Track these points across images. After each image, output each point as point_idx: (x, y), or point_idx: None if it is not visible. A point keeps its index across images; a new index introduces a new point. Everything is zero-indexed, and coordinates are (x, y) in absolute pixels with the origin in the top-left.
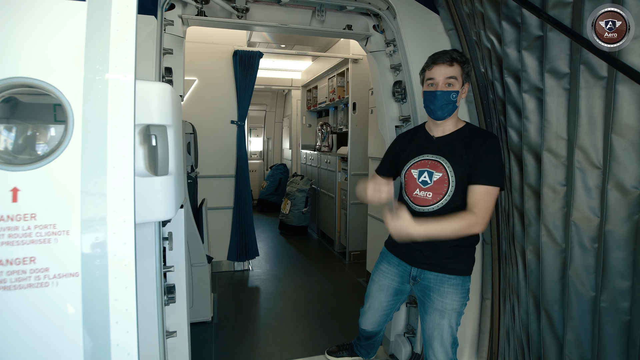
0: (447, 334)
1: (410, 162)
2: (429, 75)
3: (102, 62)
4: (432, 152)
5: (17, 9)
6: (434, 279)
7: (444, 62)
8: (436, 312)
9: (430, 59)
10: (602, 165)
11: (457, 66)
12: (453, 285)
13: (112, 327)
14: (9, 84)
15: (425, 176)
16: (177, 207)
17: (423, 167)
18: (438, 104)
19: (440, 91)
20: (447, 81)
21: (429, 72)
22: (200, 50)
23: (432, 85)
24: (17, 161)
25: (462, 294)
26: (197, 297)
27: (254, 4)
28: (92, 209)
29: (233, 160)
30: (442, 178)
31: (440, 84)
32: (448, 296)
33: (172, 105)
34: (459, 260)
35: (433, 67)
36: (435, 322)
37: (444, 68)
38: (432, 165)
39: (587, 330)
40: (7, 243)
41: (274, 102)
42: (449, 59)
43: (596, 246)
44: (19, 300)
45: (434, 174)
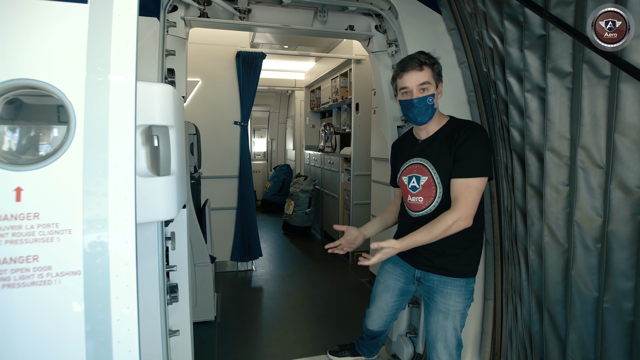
0: (450, 336)
1: (401, 169)
2: (401, 85)
3: (103, 63)
4: (417, 155)
5: (21, 11)
6: (437, 280)
7: (413, 68)
8: (440, 313)
9: (398, 67)
10: (605, 165)
11: (427, 69)
12: (456, 287)
13: (114, 324)
14: (13, 86)
15: (413, 181)
16: (179, 207)
17: (411, 173)
18: (416, 111)
19: (417, 98)
20: (420, 87)
21: (400, 80)
22: (203, 51)
23: (407, 94)
24: (20, 161)
25: (466, 296)
26: (200, 297)
27: (255, 5)
28: (94, 209)
29: (236, 160)
30: (428, 182)
31: (415, 90)
32: (451, 298)
33: (173, 106)
34: (462, 263)
35: (403, 75)
36: (439, 323)
37: (414, 74)
38: (418, 169)
39: (590, 331)
40: (11, 242)
41: (277, 103)
42: (417, 64)
43: (599, 246)
44: (23, 298)
45: (421, 178)
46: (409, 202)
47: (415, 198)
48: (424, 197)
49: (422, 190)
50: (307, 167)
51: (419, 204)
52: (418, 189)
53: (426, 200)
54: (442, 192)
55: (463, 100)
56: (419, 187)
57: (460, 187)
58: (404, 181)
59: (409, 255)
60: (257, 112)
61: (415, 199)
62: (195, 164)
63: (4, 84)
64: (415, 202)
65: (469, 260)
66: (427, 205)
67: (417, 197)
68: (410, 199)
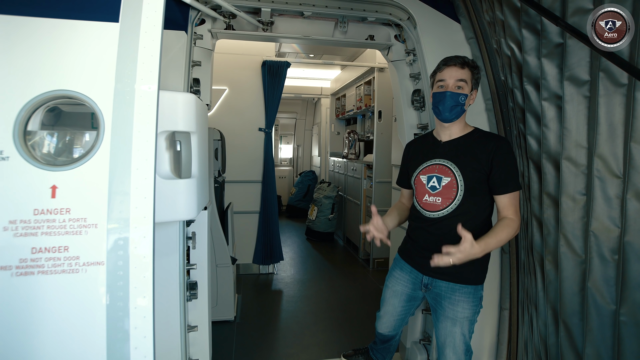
0: (459, 342)
1: (419, 168)
2: (439, 77)
3: (130, 75)
4: (440, 156)
5: (62, 31)
6: (445, 287)
7: (455, 64)
8: (448, 319)
9: (441, 62)
10: (622, 174)
11: (467, 70)
12: (464, 293)
13: (132, 312)
14: (52, 96)
15: (434, 181)
16: (200, 209)
17: (431, 172)
18: (447, 104)
19: (450, 92)
20: (457, 83)
21: (439, 74)
22: (231, 60)
23: (442, 87)
24: (56, 162)
25: (474, 303)
26: (221, 297)
27: (278, 17)
28: (118, 206)
29: (260, 166)
30: (450, 183)
31: (451, 85)
32: (459, 304)
33: (196, 113)
34: (470, 270)
35: (444, 68)
36: (447, 329)
37: (455, 70)
38: (440, 170)
39: (607, 345)
40: (46, 233)
41: (304, 110)
42: (460, 62)
43: (616, 257)
44: (55, 284)
45: (443, 179)
46: (424, 202)
47: (433, 198)
48: (442, 197)
49: (442, 190)
50: (331, 174)
51: (436, 204)
52: (438, 189)
53: (444, 201)
54: (462, 195)
55: (480, 108)
56: (439, 187)
57: (510, 200)
58: (422, 180)
59: (417, 261)
60: (284, 119)
61: (433, 198)
62: (220, 169)
63: (44, 94)
64: (433, 202)
65: (478, 268)
66: (444, 206)
67: (436, 197)
68: (427, 199)
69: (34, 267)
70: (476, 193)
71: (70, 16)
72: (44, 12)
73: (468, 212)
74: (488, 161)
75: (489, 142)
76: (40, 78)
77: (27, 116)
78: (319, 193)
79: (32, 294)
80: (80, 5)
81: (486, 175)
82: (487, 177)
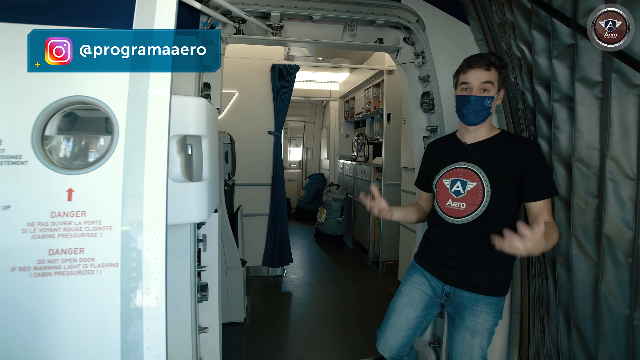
0: (476, 354)
1: (441, 172)
2: (463, 79)
3: (143, 80)
4: (464, 159)
5: None
6: (468, 297)
7: (480, 67)
8: (467, 330)
9: (465, 62)
10: (635, 177)
11: (494, 71)
12: (487, 304)
13: (145, 312)
14: (68, 102)
15: (458, 186)
16: (211, 211)
17: (455, 177)
18: (471, 109)
19: (475, 96)
20: (482, 86)
21: (463, 75)
22: (240, 64)
23: (466, 90)
24: (72, 166)
25: (496, 314)
26: (231, 299)
27: (287, 21)
28: (131, 208)
29: (269, 169)
30: (476, 188)
31: (475, 88)
32: (481, 316)
33: (207, 117)
34: (496, 280)
35: (468, 70)
36: (465, 340)
37: (480, 72)
38: (465, 174)
39: (621, 350)
40: (63, 235)
41: (313, 113)
42: (486, 64)
43: (630, 260)
44: (71, 284)
45: (468, 184)
46: (447, 208)
47: (457, 203)
48: (467, 203)
49: (466, 196)
50: (340, 176)
51: (461, 210)
52: (462, 194)
53: (469, 207)
54: (488, 201)
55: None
56: (463, 192)
57: (546, 205)
58: (445, 184)
59: (440, 269)
60: (293, 122)
61: (456, 204)
62: (230, 172)
63: (61, 100)
64: (457, 207)
65: (502, 278)
66: (469, 212)
67: (460, 202)
68: (451, 204)
69: (51, 268)
70: (503, 199)
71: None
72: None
73: (494, 219)
74: (518, 167)
75: (519, 146)
76: (56, 85)
77: (45, 121)
78: (328, 196)
79: (49, 294)
80: (95, 13)
81: (515, 182)
82: (516, 183)
